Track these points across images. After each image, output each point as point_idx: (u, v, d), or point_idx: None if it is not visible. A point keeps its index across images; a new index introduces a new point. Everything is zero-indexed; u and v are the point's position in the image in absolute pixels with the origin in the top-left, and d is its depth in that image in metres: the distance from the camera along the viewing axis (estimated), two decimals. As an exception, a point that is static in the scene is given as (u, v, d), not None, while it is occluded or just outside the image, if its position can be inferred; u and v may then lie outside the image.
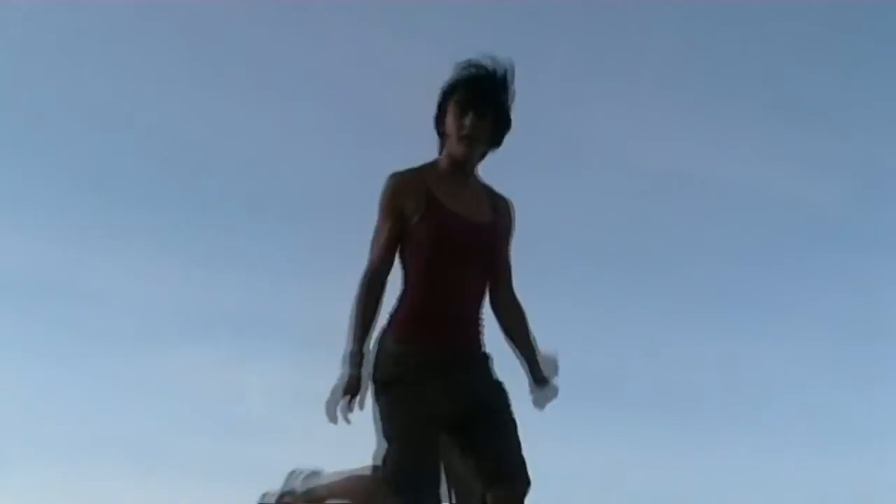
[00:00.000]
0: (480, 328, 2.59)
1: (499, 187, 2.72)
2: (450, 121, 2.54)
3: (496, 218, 2.62)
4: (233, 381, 8.37)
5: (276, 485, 3.02)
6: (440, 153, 2.62)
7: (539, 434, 2.76)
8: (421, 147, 2.69)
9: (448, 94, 2.57)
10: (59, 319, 8.22)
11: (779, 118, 8.14)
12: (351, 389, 2.46)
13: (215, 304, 8.43)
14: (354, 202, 8.32)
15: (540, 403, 2.66)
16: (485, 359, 2.59)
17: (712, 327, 8.05)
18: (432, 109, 2.62)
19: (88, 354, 8.23)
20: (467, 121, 2.50)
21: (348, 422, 2.45)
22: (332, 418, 2.45)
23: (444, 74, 2.62)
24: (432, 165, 2.62)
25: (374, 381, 2.51)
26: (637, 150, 8.08)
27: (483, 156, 2.62)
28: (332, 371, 2.53)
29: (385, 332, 2.54)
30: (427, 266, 2.52)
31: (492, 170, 2.70)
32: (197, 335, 8.24)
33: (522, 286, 2.72)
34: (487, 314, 2.65)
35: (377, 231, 2.56)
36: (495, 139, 2.59)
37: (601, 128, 7.63)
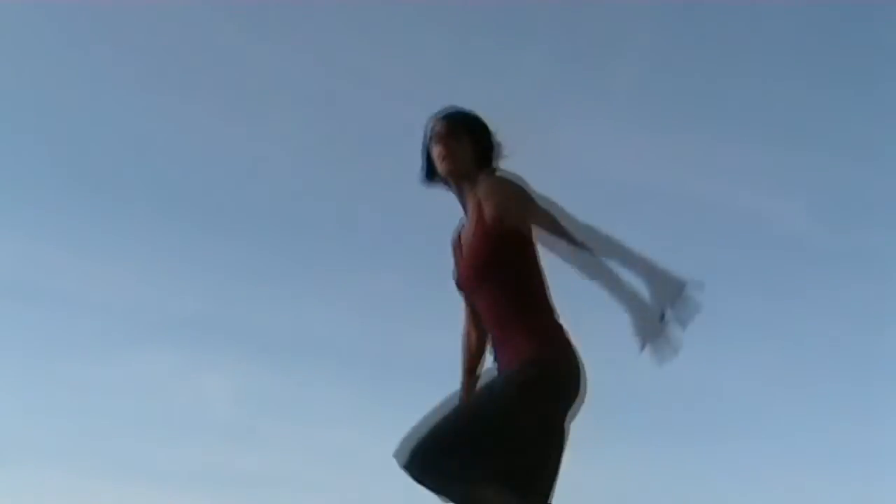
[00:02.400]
0: (515, 344, 2.57)
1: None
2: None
3: (474, 220, 2.67)
4: (190, 384, 8.27)
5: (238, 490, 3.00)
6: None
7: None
8: (389, 158, 2.73)
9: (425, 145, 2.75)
10: (16, 322, 8.09)
11: (747, 135, 8.19)
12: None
13: (174, 307, 8.33)
14: (316, 209, 8.28)
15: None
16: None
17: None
18: (403, 119, 2.79)
19: (47, 357, 8.10)
20: (434, 149, 2.70)
21: None
22: None
23: (415, 84, 2.71)
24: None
25: None
26: (605, 164, 8.09)
27: (470, 171, 2.70)
28: (288, 375, 2.51)
29: None
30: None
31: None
32: (155, 338, 8.14)
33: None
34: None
35: None
36: (476, 154, 2.70)
37: (570, 140, 7.64)
